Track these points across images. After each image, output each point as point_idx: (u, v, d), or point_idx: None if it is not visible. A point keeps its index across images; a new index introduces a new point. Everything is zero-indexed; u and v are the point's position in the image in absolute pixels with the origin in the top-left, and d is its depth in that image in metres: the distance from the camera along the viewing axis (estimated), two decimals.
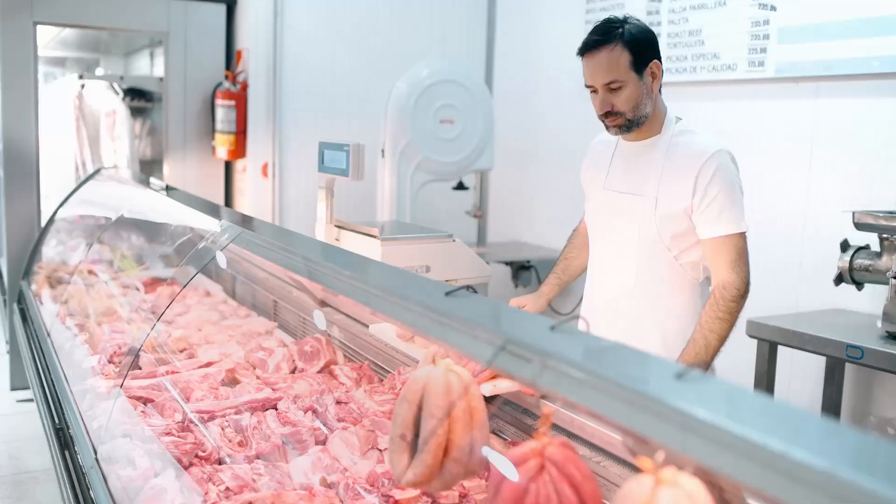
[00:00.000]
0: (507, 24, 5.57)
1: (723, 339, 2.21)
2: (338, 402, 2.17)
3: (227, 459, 1.92)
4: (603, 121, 2.34)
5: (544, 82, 5.26)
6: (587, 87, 2.32)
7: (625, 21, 2.28)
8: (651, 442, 0.91)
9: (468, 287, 1.38)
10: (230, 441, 1.99)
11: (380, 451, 1.94)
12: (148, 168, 5.68)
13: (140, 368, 2.56)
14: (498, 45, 5.64)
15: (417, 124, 4.43)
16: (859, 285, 3.02)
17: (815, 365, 3.34)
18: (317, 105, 5.09)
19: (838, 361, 3.15)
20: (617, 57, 2.23)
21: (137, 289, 3.69)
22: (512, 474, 1.14)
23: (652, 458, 0.94)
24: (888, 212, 2.93)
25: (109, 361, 2.67)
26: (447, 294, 1.31)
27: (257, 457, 1.93)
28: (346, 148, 2.53)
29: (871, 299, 3.16)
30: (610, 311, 2.42)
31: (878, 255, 2.91)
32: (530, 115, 5.36)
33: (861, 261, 2.95)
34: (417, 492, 1.72)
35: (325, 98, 5.11)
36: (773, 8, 3.57)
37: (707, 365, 2.20)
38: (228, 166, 5.35)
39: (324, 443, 2.00)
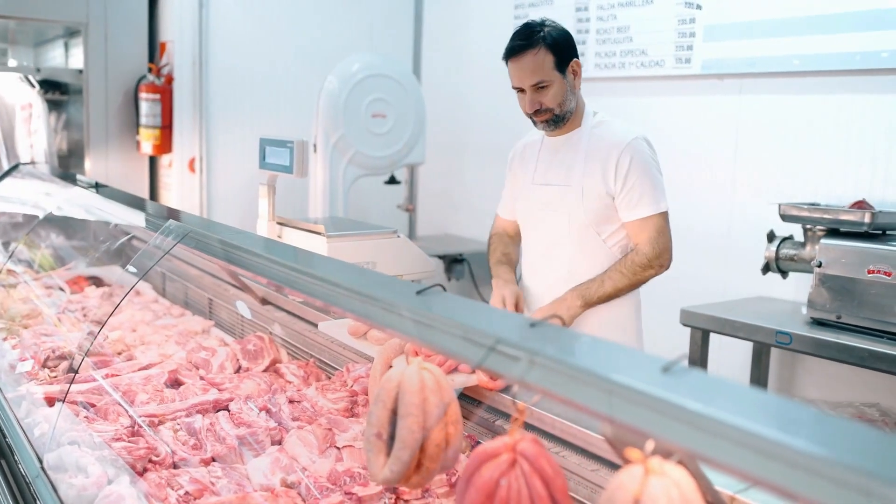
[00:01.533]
0: (435, 16, 5.58)
1: (616, 291, 2.43)
2: (291, 401, 2.16)
3: (182, 464, 1.88)
4: (531, 118, 2.51)
5: (473, 75, 5.29)
6: (514, 88, 2.48)
7: (543, 24, 2.44)
8: (639, 433, 0.95)
9: (438, 284, 1.39)
10: (184, 444, 1.95)
11: (338, 449, 1.93)
12: (64, 163, 5.47)
13: (77, 372, 2.48)
14: (426, 37, 5.65)
15: (349, 118, 4.41)
16: (784, 274, 3.17)
17: (742, 350, 3.48)
18: (245, 99, 5.01)
19: (765, 346, 3.30)
20: (542, 59, 2.39)
21: (65, 290, 3.56)
22: (484, 469, 1.16)
23: (640, 450, 0.98)
24: (811, 204, 3.08)
25: (43, 366, 2.58)
26: (418, 293, 1.32)
27: (213, 459, 1.91)
28: (290, 144, 2.51)
29: (795, 287, 3.32)
30: (546, 299, 2.52)
31: (802, 244, 3.06)
32: (459, 108, 5.39)
33: (786, 250, 3.10)
34: (380, 488, 1.73)
35: (253, 92, 5.03)
36: (699, 7, 3.69)
37: (588, 302, 2.42)
38: (153, 161, 5.21)
39: (279, 443, 1.99)
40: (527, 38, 2.41)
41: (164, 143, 4.85)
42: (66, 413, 2.08)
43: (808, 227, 3.01)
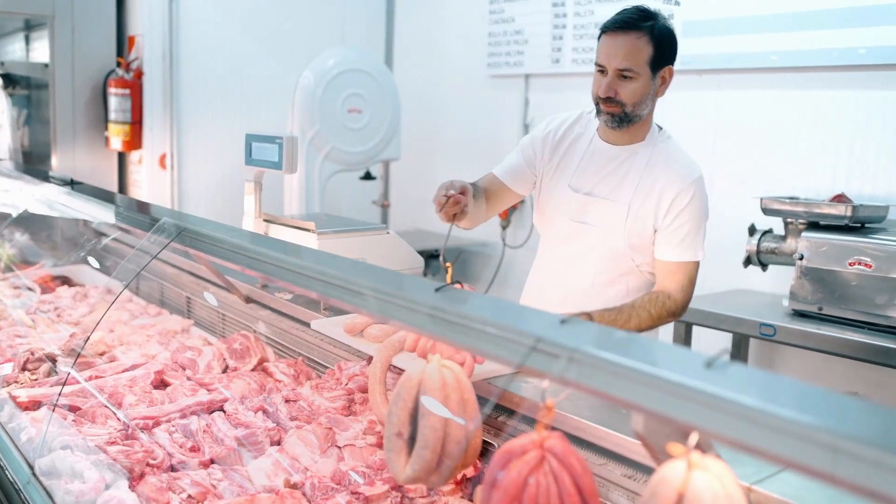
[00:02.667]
0: (408, 11, 5.56)
1: (638, 329, 2.22)
2: (287, 401, 2.13)
3: (180, 466, 1.85)
4: (598, 104, 2.25)
5: (447, 70, 5.28)
6: (597, 65, 2.23)
7: (657, 15, 2.21)
8: (689, 428, 0.95)
9: (457, 282, 1.38)
10: (181, 447, 1.91)
11: (339, 448, 1.91)
12: (28, 159, 5.34)
13: (58, 374, 2.42)
14: (398, 32, 5.63)
15: (325, 114, 4.37)
16: (765, 266, 3.21)
17: (721, 342, 3.53)
18: (217, 94, 4.94)
19: (744, 338, 3.35)
20: (640, 47, 2.16)
21: (35, 290, 3.47)
22: (512, 467, 1.15)
23: (683, 445, 0.98)
24: (791, 197, 3.13)
25: (23, 369, 2.51)
26: (437, 290, 1.31)
27: (212, 461, 1.87)
28: (279, 140, 2.47)
29: (774, 279, 3.37)
30: (564, 307, 2.35)
31: (783, 238, 3.11)
32: (432, 103, 5.38)
33: (767, 244, 3.15)
34: (387, 487, 1.71)
35: (225, 87, 4.96)
36: (678, 3, 3.73)
37: None
38: (122, 157, 5.11)
39: (279, 443, 1.96)
40: (635, 20, 2.17)
41: (134, 139, 4.76)
42: (53, 417, 2.03)
43: (790, 220, 3.06)
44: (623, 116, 2.22)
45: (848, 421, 0.83)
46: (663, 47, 2.19)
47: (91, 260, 3.62)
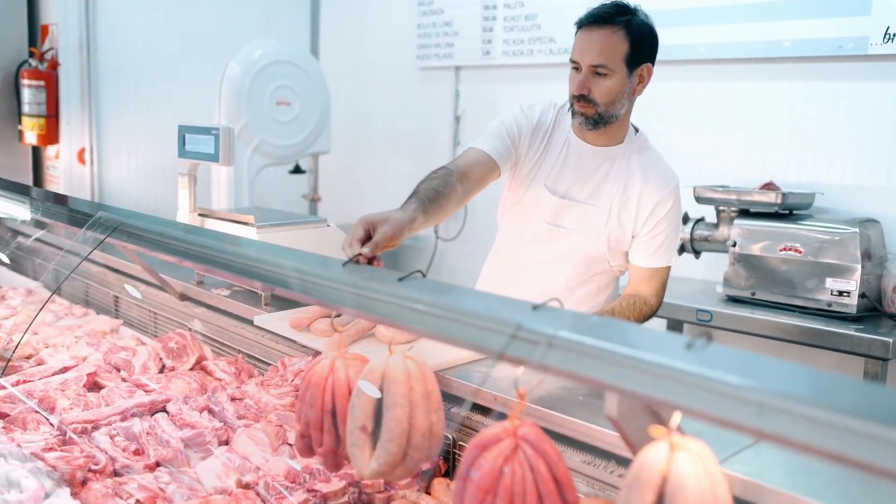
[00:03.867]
0: (333, 1, 5.48)
1: None
2: (233, 399, 2.07)
3: (125, 471, 1.77)
4: (572, 105, 2.18)
5: (375, 62, 5.23)
6: (572, 61, 2.17)
7: (636, 11, 2.15)
8: (664, 409, 0.95)
9: (417, 271, 1.35)
10: (124, 451, 1.83)
11: (290, 446, 1.87)
12: None
13: None
14: (324, 23, 5.54)
15: (253, 106, 4.27)
16: (698, 254, 3.29)
17: (657, 327, 3.59)
18: (139, 86, 4.77)
19: (678, 323, 3.42)
20: (616, 43, 2.08)
21: None
22: (487, 455, 1.13)
23: (665, 427, 0.98)
24: (722, 186, 3.21)
25: None
26: (400, 280, 1.29)
27: (157, 464, 1.80)
28: (215, 132, 2.39)
29: (706, 267, 3.45)
30: None
31: (716, 226, 3.19)
32: (361, 96, 5.32)
33: (700, 231, 3.22)
34: (343, 483, 1.68)
35: (147, 78, 4.79)
36: None
37: None
38: (37, 152, 4.88)
39: (227, 443, 1.90)
40: (610, 14, 2.09)
41: (51, 132, 4.55)
42: None
43: (722, 208, 3.14)
44: (597, 118, 2.15)
45: (840, 396, 0.84)
46: (641, 43, 2.12)
47: (7, 259, 3.46)
